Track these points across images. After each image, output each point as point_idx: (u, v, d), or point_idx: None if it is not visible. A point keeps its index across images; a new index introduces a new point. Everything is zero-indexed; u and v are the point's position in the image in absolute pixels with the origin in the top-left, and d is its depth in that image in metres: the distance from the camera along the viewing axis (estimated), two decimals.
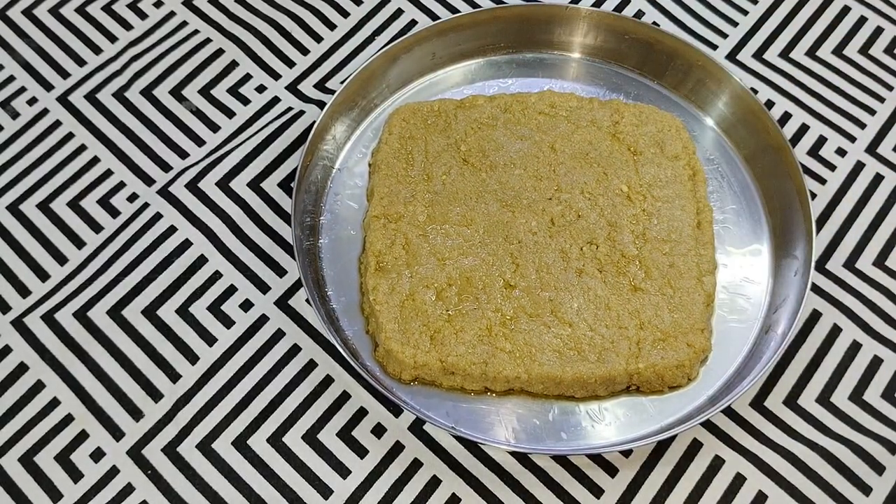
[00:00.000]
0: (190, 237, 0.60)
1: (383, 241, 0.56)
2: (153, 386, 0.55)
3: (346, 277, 0.57)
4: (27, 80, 0.66)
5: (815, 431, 0.54)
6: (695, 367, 0.54)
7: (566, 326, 0.54)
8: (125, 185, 0.62)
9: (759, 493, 0.52)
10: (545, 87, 0.64)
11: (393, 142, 0.60)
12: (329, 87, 0.66)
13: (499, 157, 0.60)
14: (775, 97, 0.66)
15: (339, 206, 0.60)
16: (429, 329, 0.53)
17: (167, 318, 0.57)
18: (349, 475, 0.52)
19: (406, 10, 0.69)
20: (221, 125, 0.64)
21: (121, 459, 0.53)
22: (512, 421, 0.53)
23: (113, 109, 0.64)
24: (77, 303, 0.57)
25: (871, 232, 0.61)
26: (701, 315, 0.54)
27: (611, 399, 0.54)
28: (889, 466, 0.53)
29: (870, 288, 0.59)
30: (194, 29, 0.68)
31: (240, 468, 0.52)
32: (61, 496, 0.52)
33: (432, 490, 0.52)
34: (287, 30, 0.68)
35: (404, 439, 0.53)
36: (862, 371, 0.56)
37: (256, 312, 0.57)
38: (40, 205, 0.61)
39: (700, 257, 0.57)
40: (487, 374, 0.52)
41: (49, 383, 0.55)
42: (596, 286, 0.55)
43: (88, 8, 0.69)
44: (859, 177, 0.63)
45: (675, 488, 0.52)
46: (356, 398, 0.54)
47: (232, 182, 0.61)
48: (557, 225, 0.57)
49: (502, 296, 0.55)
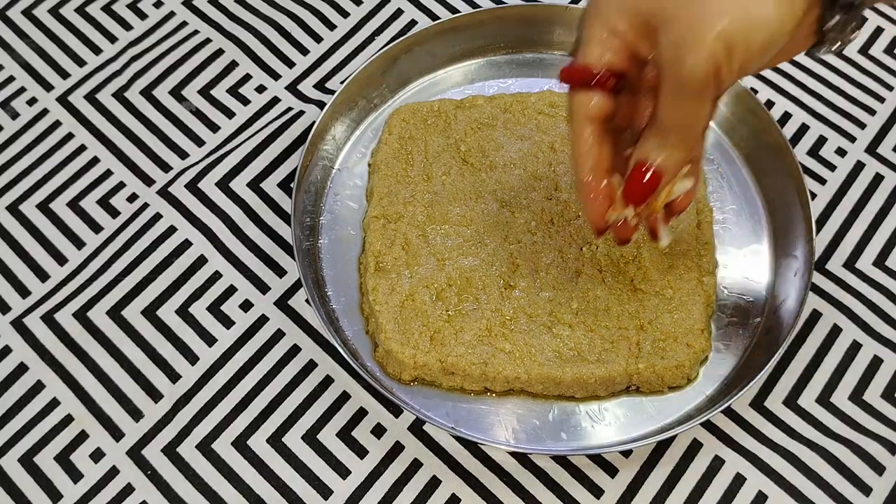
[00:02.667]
0: (190, 237, 0.60)
1: (383, 241, 0.56)
2: (153, 386, 0.55)
3: (345, 277, 0.57)
4: (27, 81, 0.66)
5: (815, 432, 0.54)
6: (695, 368, 0.54)
7: (566, 327, 0.54)
8: (125, 186, 0.62)
9: (759, 494, 0.52)
10: (545, 87, 0.64)
11: (393, 142, 0.60)
12: (329, 87, 0.66)
13: (498, 157, 0.60)
14: (775, 97, 0.66)
15: (338, 206, 0.60)
16: (428, 329, 0.53)
17: (167, 319, 0.57)
18: (349, 475, 0.52)
19: (406, 10, 0.69)
20: (221, 125, 0.64)
21: (121, 460, 0.53)
22: (512, 421, 0.53)
23: (113, 109, 0.64)
24: (77, 303, 0.57)
25: (871, 232, 0.61)
26: (701, 315, 0.54)
27: (611, 399, 0.54)
28: (889, 467, 0.53)
29: (870, 288, 0.59)
30: (194, 29, 0.68)
31: (240, 468, 0.52)
32: (61, 496, 0.52)
33: (432, 490, 0.52)
34: (287, 30, 0.68)
35: (404, 439, 0.53)
36: (862, 371, 0.56)
37: (256, 313, 0.57)
38: (40, 205, 0.61)
39: (700, 257, 0.57)
40: (487, 375, 0.52)
41: (49, 383, 0.55)
42: (595, 286, 0.55)
43: (88, 8, 0.69)
44: (859, 177, 0.63)
45: (675, 488, 0.52)
46: (356, 398, 0.54)
47: (232, 182, 0.61)
48: (557, 225, 0.57)
49: (502, 296, 0.55)
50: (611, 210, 0.44)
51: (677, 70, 0.38)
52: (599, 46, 0.40)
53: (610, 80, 0.41)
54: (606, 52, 0.40)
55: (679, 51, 0.37)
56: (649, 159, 0.42)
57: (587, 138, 0.42)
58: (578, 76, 0.41)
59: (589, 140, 0.42)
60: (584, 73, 0.41)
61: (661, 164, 0.42)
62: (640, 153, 0.42)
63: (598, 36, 0.40)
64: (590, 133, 0.42)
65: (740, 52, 0.37)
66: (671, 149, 0.41)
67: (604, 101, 0.41)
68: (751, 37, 0.37)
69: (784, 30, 0.37)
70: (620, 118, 0.44)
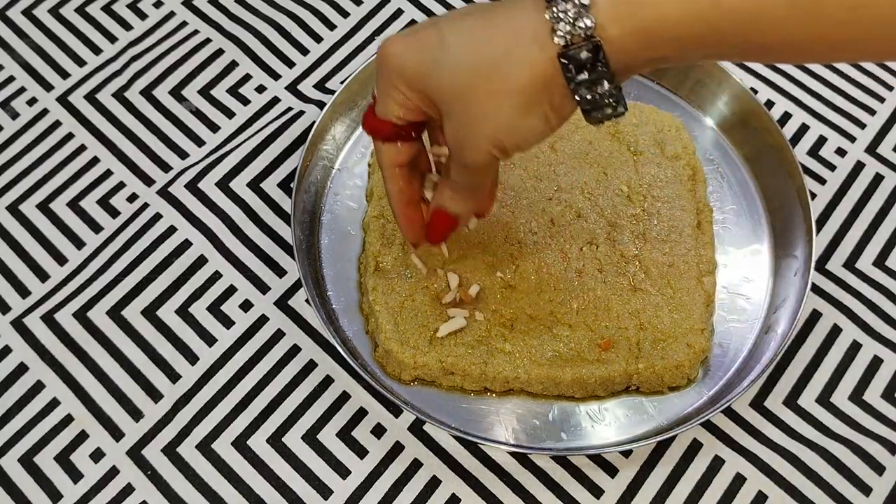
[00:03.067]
0: (190, 237, 0.60)
1: (383, 241, 0.56)
2: (153, 386, 0.55)
3: (345, 277, 0.57)
4: (27, 81, 0.66)
5: (815, 432, 0.54)
6: (695, 368, 0.54)
7: (566, 327, 0.54)
8: (125, 186, 0.62)
9: (759, 494, 0.52)
10: None
11: None
12: (329, 87, 0.66)
13: None
14: (775, 97, 0.66)
15: (338, 206, 0.60)
16: (428, 329, 0.53)
17: (167, 319, 0.57)
18: (349, 475, 0.52)
19: (406, 10, 0.69)
20: (221, 125, 0.64)
21: (120, 460, 0.53)
22: (512, 421, 0.53)
23: (113, 110, 0.64)
24: (77, 303, 0.57)
25: (871, 232, 0.61)
26: (701, 315, 0.54)
27: (611, 399, 0.54)
28: (889, 467, 0.53)
29: (870, 288, 0.59)
30: (194, 29, 0.68)
31: (240, 468, 0.52)
32: (61, 496, 0.52)
33: (432, 490, 0.52)
34: (287, 30, 0.68)
35: (404, 439, 0.53)
36: (862, 371, 0.56)
37: (256, 313, 0.57)
38: (40, 205, 0.61)
39: (700, 257, 0.57)
40: (487, 375, 0.52)
41: (49, 383, 0.55)
42: (596, 286, 0.55)
43: (88, 8, 0.69)
44: (859, 177, 0.63)
45: (675, 488, 0.52)
46: (356, 398, 0.54)
47: (232, 182, 0.61)
48: (557, 225, 0.57)
49: (502, 296, 0.55)
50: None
51: (460, 156, 0.43)
52: (395, 104, 0.43)
53: (410, 132, 0.45)
54: (400, 109, 0.43)
55: (459, 145, 0.42)
56: (446, 207, 0.47)
57: (397, 181, 0.47)
58: (382, 131, 0.44)
59: (399, 182, 0.47)
60: (387, 128, 0.44)
61: (455, 212, 0.47)
62: (437, 201, 0.48)
63: (393, 97, 0.42)
64: (399, 175, 0.47)
65: (513, 147, 0.41)
66: (463, 201, 0.47)
67: (407, 148, 0.46)
68: (521, 140, 0.41)
69: (551, 127, 0.40)
70: (423, 164, 0.49)
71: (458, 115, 0.41)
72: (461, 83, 0.39)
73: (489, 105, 0.39)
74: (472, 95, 0.39)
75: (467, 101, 0.40)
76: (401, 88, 0.42)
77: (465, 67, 0.39)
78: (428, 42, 0.40)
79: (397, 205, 0.48)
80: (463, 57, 0.39)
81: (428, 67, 0.40)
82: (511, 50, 0.38)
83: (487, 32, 0.39)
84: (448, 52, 0.39)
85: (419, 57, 0.40)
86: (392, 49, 0.41)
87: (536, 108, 0.39)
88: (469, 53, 0.39)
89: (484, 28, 0.39)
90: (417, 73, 0.41)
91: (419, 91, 0.41)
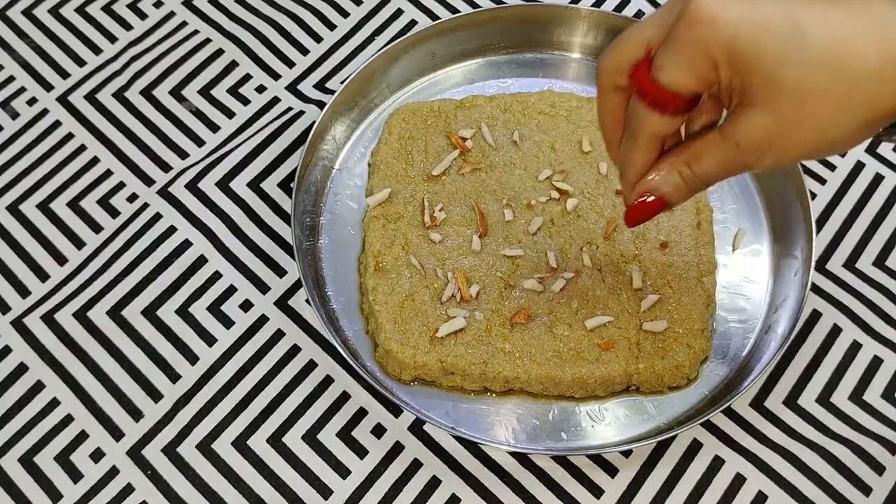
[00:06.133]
0: (190, 237, 0.60)
1: (383, 241, 0.56)
2: (153, 386, 0.55)
3: (345, 277, 0.57)
4: (27, 80, 0.66)
5: (815, 432, 0.54)
6: (694, 368, 0.54)
7: (565, 326, 0.54)
8: (125, 186, 0.62)
9: (759, 494, 0.52)
10: (545, 87, 0.64)
11: (392, 142, 0.60)
12: (329, 87, 0.66)
13: (498, 158, 0.60)
14: None
15: (338, 206, 0.60)
16: (428, 329, 0.53)
17: (167, 319, 0.57)
18: (349, 475, 0.52)
19: (406, 10, 0.69)
20: (221, 125, 0.64)
21: (121, 460, 0.53)
22: (512, 421, 0.53)
23: (113, 109, 0.64)
24: (77, 303, 0.57)
25: (871, 232, 0.61)
26: (701, 315, 0.54)
27: (611, 399, 0.54)
28: (889, 467, 0.53)
29: (870, 288, 0.59)
30: (194, 29, 0.68)
31: (240, 468, 0.52)
32: (61, 496, 0.52)
33: (432, 490, 0.52)
34: (287, 30, 0.68)
35: (404, 439, 0.53)
36: (862, 371, 0.56)
37: (256, 313, 0.57)
38: (40, 205, 0.61)
39: (700, 257, 0.57)
40: (487, 374, 0.52)
41: (49, 383, 0.55)
42: (595, 286, 0.55)
43: (88, 8, 0.69)
44: (859, 177, 0.63)
45: (675, 488, 0.52)
46: (356, 398, 0.54)
47: (232, 182, 0.61)
48: (557, 225, 0.57)
49: (502, 296, 0.55)
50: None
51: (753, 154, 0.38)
52: (695, 77, 0.37)
53: (695, 104, 0.40)
54: (698, 83, 0.37)
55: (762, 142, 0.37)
56: (669, 197, 0.42)
57: (652, 154, 0.42)
58: (674, 103, 0.38)
59: (654, 154, 0.42)
60: (679, 102, 0.39)
61: (673, 202, 0.42)
62: (657, 187, 0.42)
63: (699, 69, 0.37)
64: (655, 149, 0.42)
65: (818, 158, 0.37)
66: (689, 193, 0.42)
67: (679, 121, 0.40)
68: (834, 153, 0.38)
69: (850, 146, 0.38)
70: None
71: (782, 111, 0.36)
72: (810, 82, 0.35)
73: (832, 113, 0.35)
74: (819, 98, 0.35)
75: (804, 100, 0.35)
76: (718, 63, 0.36)
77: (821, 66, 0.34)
78: (776, 22, 0.35)
79: (636, 174, 0.42)
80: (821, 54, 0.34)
81: (773, 53, 0.35)
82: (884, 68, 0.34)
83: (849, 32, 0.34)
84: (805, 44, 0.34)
85: (763, 37, 0.35)
86: (725, 16, 0.35)
87: (875, 128, 0.36)
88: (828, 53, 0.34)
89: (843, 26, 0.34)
90: (753, 54, 0.35)
91: (743, 72, 0.36)
